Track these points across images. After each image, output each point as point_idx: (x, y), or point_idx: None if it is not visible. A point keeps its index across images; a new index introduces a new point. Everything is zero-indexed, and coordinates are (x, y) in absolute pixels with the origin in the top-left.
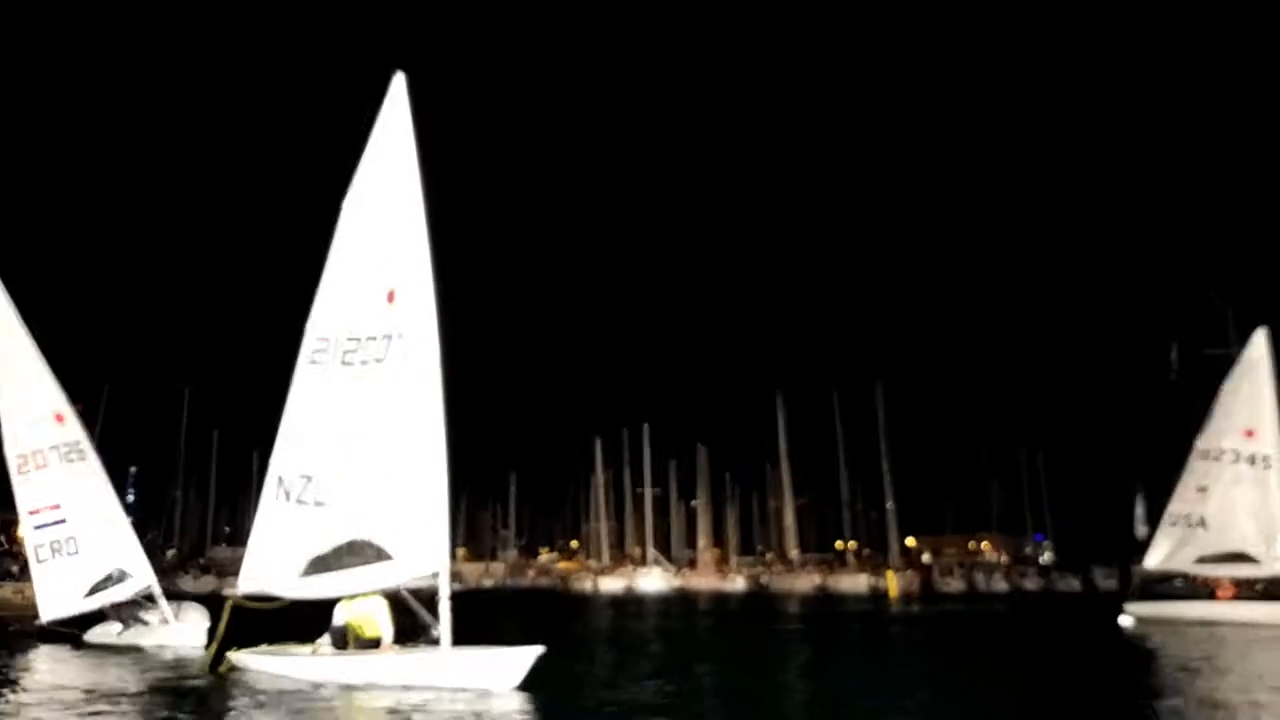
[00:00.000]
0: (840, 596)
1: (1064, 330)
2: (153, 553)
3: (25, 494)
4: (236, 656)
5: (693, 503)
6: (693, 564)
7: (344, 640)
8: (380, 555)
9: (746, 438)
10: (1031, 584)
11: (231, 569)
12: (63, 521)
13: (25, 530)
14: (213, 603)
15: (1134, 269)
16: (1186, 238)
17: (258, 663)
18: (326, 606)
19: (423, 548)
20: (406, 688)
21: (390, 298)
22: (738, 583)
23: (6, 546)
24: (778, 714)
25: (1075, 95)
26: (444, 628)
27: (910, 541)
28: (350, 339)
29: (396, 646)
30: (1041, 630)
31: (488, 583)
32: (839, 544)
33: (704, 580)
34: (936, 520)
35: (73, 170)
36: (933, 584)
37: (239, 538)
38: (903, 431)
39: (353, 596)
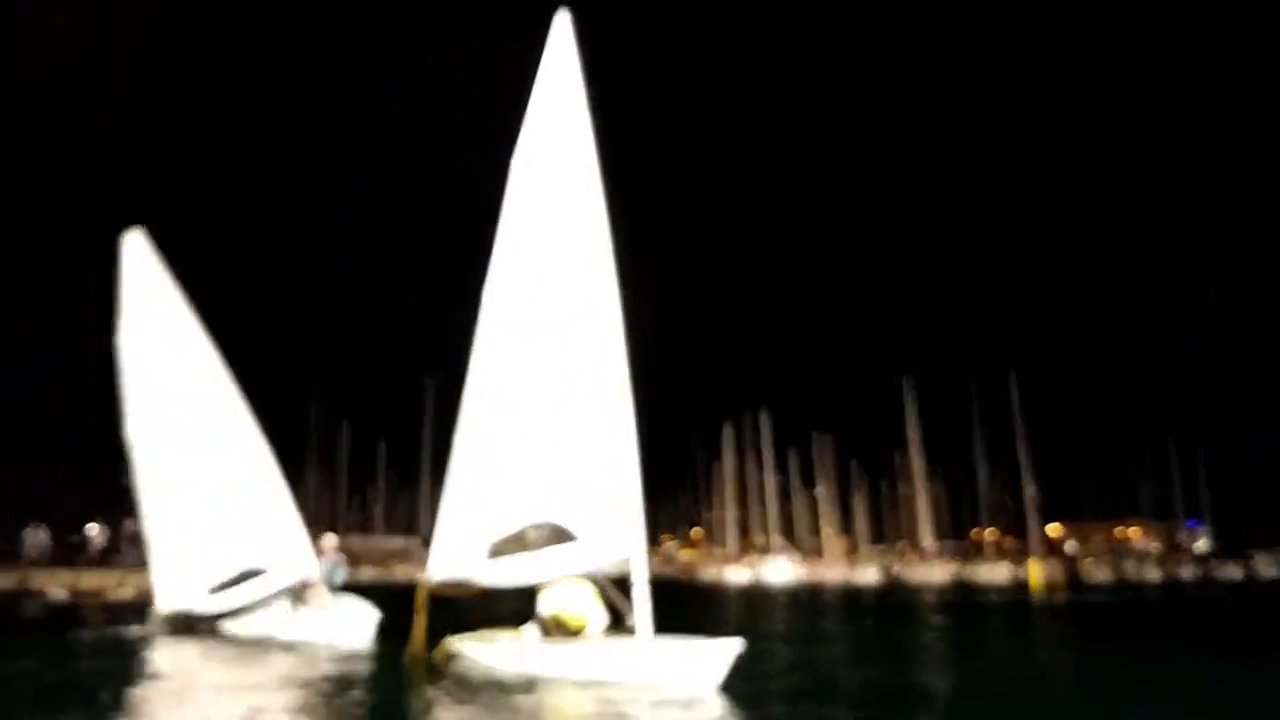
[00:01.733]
0: (979, 587)
1: (1213, 305)
2: None
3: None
4: (449, 644)
5: (814, 490)
6: (819, 552)
7: (547, 629)
8: (569, 538)
9: (872, 424)
10: (1187, 573)
11: (364, 558)
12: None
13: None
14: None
15: None
16: None
17: (462, 651)
18: (533, 592)
19: (614, 529)
20: (605, 680)
21: (554, 254)
22: (868, 573)
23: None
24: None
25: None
26: (642, 616)
27: (1052, 529)
28: (526, 302)
29: (601, 636)
30: (1204, 621)
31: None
32: (975, 532)
33: (832, 570)
34: (1080, 506)
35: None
36: (1078, 573)
37: (369, 526)
38: (1042, 413)
39: (553, 583)
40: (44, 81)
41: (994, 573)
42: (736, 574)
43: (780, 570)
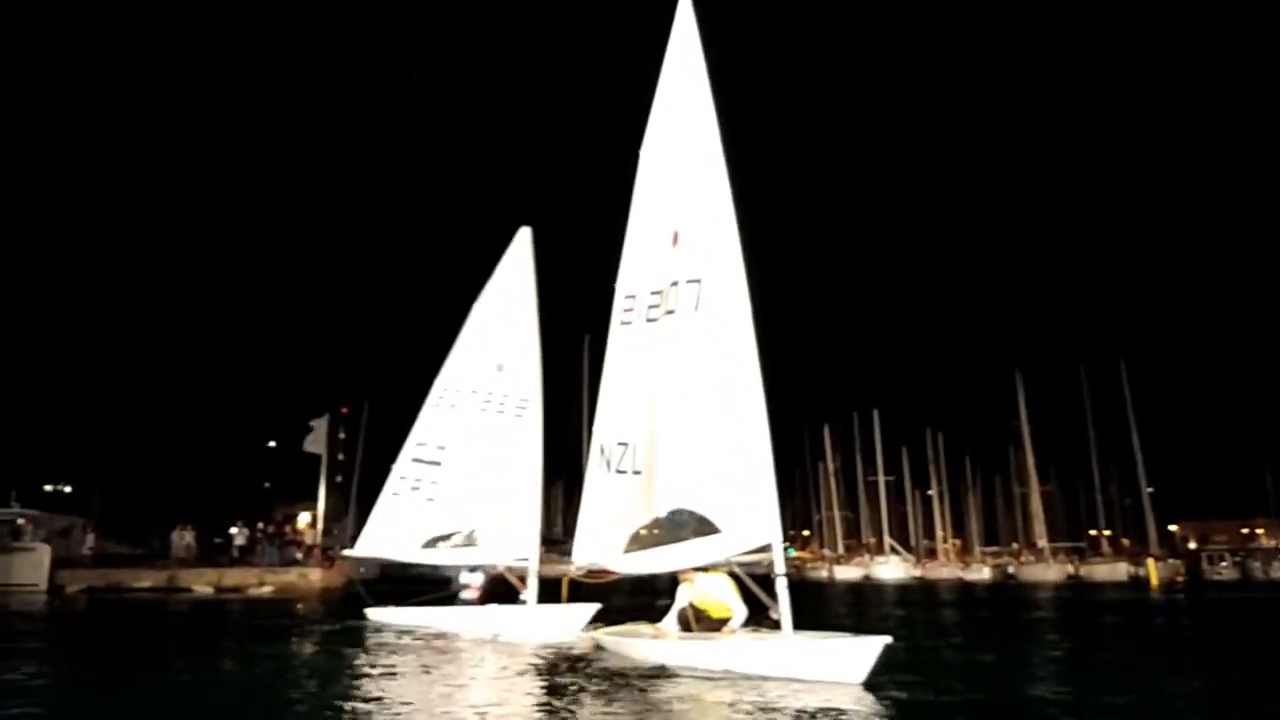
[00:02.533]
0: (1096, 586)
1: None
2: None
3: (424, 424)
4: (595, 636)
5: (929, 491)
6: (932, 554)
7: (688, 622)
8: (704, 526)
9: (985, 420)
10: None
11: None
12: (437, 464)
13: (401, 459)
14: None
15: None
16: None
17: (607, 643)
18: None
19: (750, 517)
20: (746, 676)
21: (675, 240)
22: (982, 572)
23: (292, 536)
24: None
25: None
26: (783, 610)
27: (1173, 528)
28: (653, 292)
29: (742, 629)
30: None
31: None
32: (1093, 532)
33: (944, 570)
34: (1203, 504)
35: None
36: (1200, 573)
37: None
38: (1158, 409)
39: (691, 574)
40: (44, 81)
41: (1111, 572)
42: (846, 572)
43: (890, 569)
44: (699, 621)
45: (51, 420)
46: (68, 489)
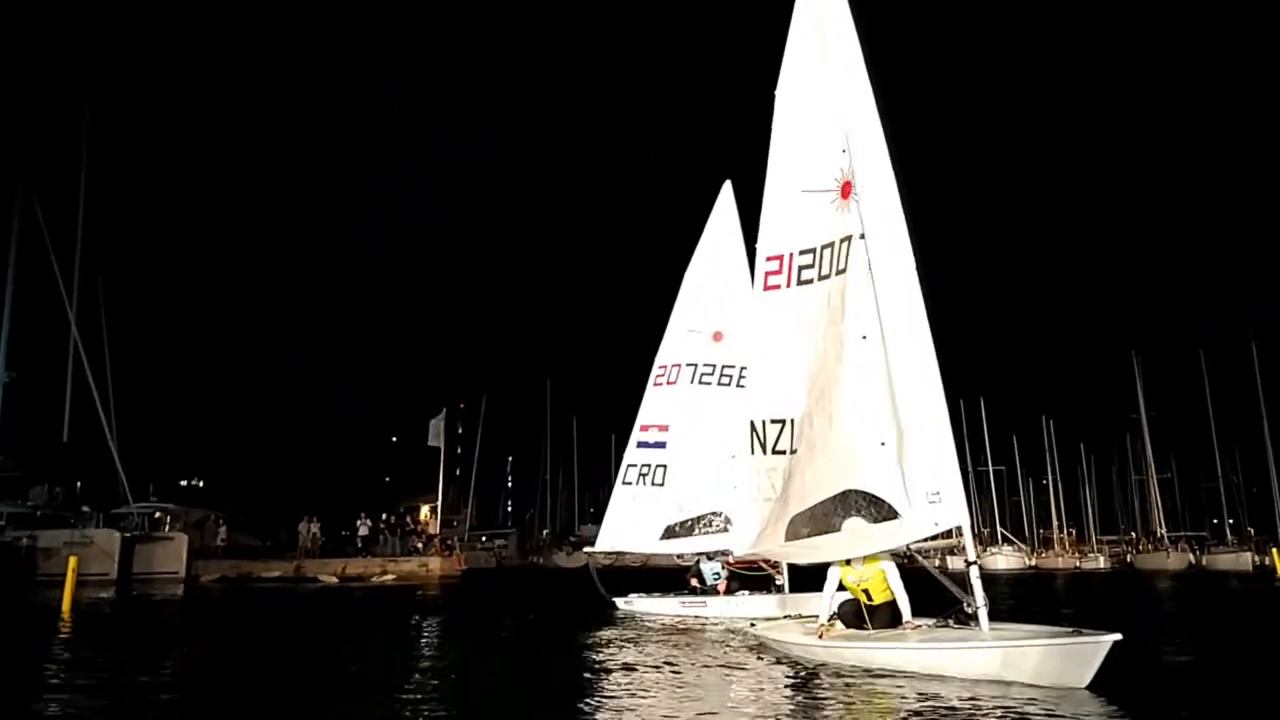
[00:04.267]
0: (1219, 575)
1: None
2: (529, 530)
3: (646, 407)
4: (756, 632)
5: (1043, 480)
6: (1047, 543)
7: (856, 612)
8: (884, 509)
9: (1101, 407)
10: None
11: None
12: (662, 445)
13: (629, 447)
14: (586, 574)
15: None
16: None
17: (772, 637)
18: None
19: (934, 500)
20: (941, 679)
21: (845, 191)
22: (1098, 561)
23: (413, 527)
24: None
25: None
26: (979, 601)
27: None
28: (804, 251)
29: (922, 623)
30: None
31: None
32: (1215, 520)
33: (1060, 560)
34: None
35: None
36: None
37: (602, 516)
38: None
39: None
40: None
41: (1235, 561)
42: (957, 563)
43: (1003, 559)
44: (868, 613)
45: (187, 419)
46: (201, 484)
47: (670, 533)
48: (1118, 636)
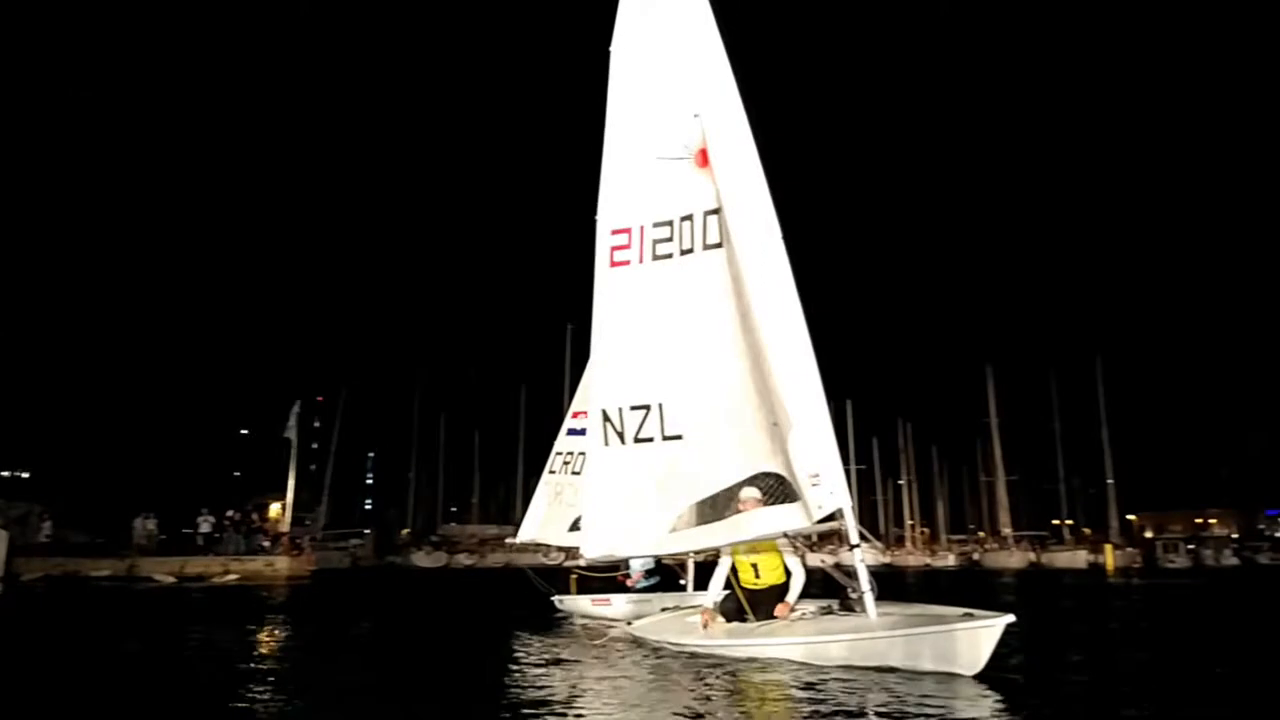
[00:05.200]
0: (1056, 572)
1: None
2: (389, 530)
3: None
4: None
5: (898, 480)
6: (900, 541)
7: (737, 613)
8: (787, 490)
9: (954, 412)
10: (1266, 559)
11: (460, 546)
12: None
13: (560, 435)
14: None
15: None
16: None
17: (650, 632)
18: None
19: (815, 480)
20: (827, 669)
21: (702, 159)
22: (948, 559)
23: (259, 524)
24: None
25: None
26: (864, 586)
27: (1132, 518)
28: (658, 224)
29: (804, 609)
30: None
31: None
32: (1055, 521)
33: (912, 557)
34: (1160, 496)
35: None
36: (1155, 560)
37: (465, 516)
38: (1122, 403)
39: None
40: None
41: (1071, 559)
42: (816, 559)
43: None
44: (750, 603)
45: (9, 405)
46: (26, 476)
47: (576, 525)
48: (1011, 618)
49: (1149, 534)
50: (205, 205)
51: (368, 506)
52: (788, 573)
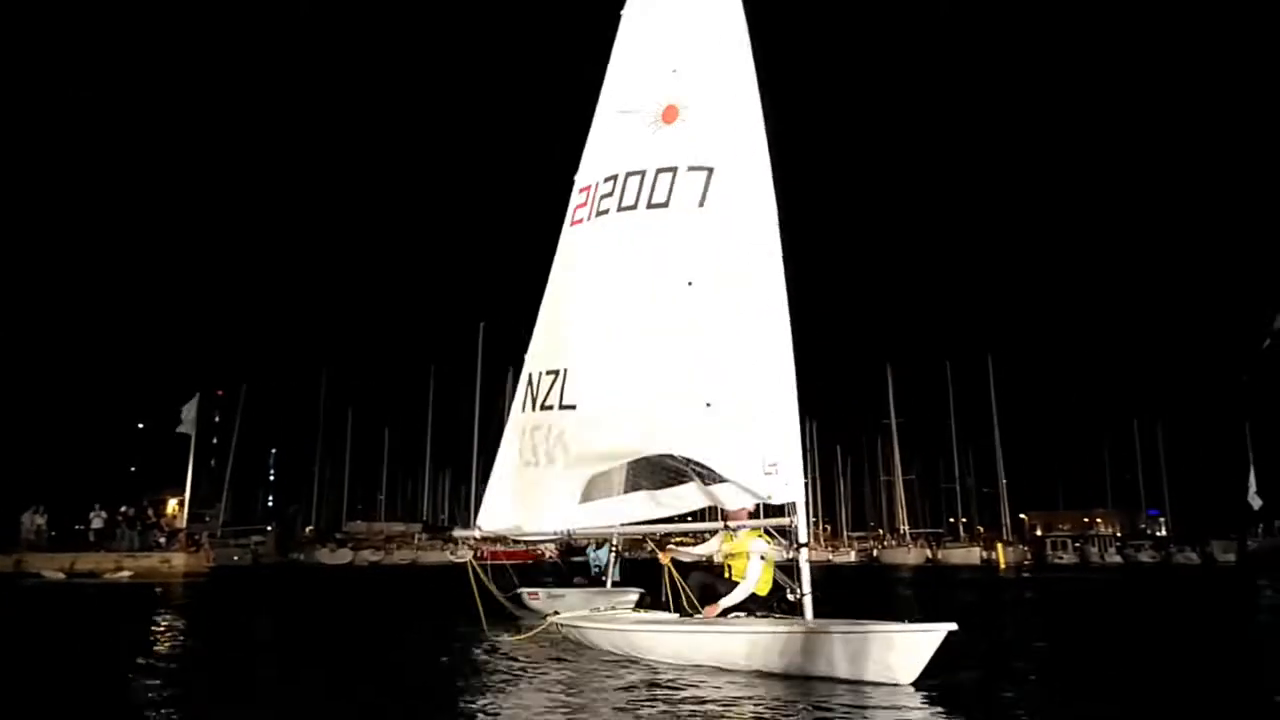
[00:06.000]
0: (950, 568)
1: (1176, 301)
2: (292, 527)
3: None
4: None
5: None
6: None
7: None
8: (708, 475)
9: (858, 411)
10: (1146, 557)
11: (366, 543)
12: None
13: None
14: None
15: (1250, 236)
16: None
17: (575, 624)
18: None
19: (770, 469)
20: (755, 672)
21: (669, 115)
22: (848, 555)
23: (154, 520)
24: None
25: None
26: (804, 589)
27: (1024, 516)
28: (606, 179)
29: (737, 613)
30: (1152, 598)
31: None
32: (951, 519)
33: (814, 554)
34: (1050, 496)
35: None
36: (1044, 557)
37: (371, 512)
38: (1017, 406)
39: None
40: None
41: (965, 556)
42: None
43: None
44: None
45: None
46: None
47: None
48: (953, 626)
49: (1039, 532)
50: (99, 190)
51: (270, 503)
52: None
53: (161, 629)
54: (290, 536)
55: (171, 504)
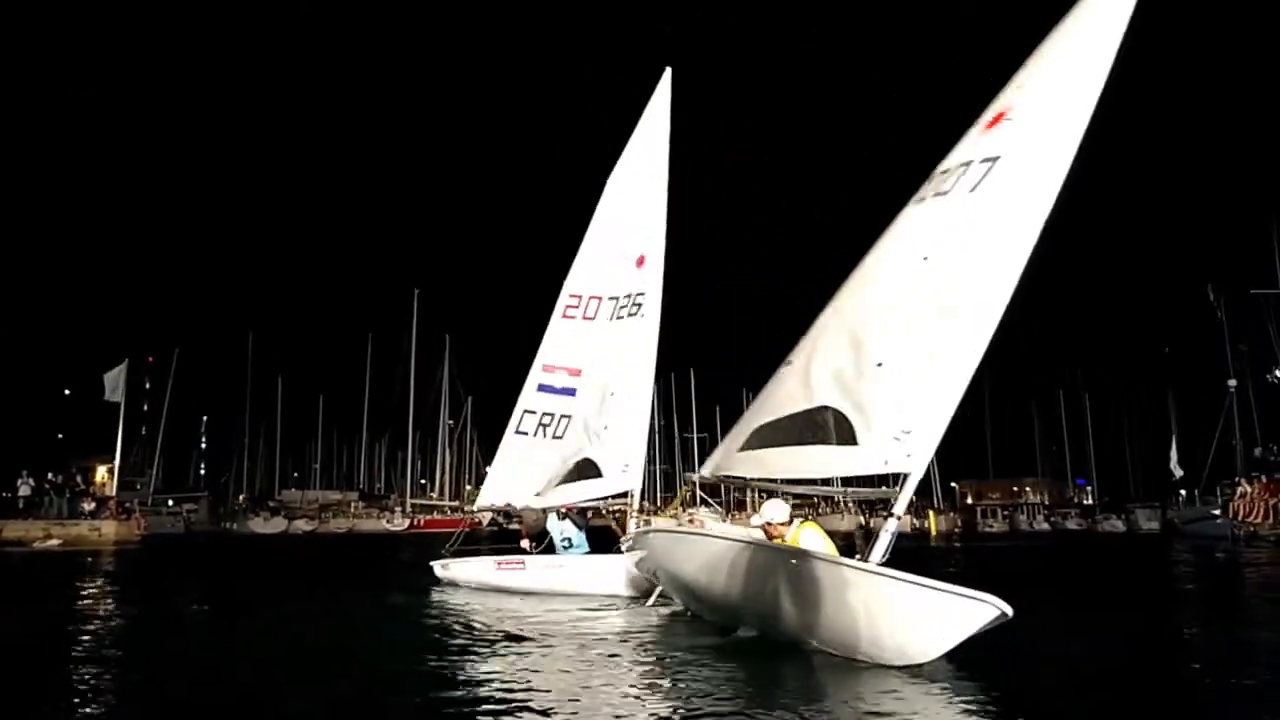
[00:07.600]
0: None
1: (1102, 273)
2: (224, 496)
3: (555, 343)
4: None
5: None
6: (741, 505)
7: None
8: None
9: None
10: (1073, 525)
11: (300, 511)
12: (572, 393)
13: (526, 389)
14: (284, 540)
15: (1179, 206)
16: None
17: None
18: None
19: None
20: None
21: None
22: None
23: (83, 488)
24: None
25: None
26: (877, 556)
27: (955, 485)
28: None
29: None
30: (1078, 561)
31: None
32: (883, 487)
33: (750, 520)
34: (981, 465)
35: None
36: (975, 525)
37: (305, 481)
38: None
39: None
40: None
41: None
42: (661, 524)
43: (704, 519)
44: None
45: None
46: None
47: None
48: (1008, 610)
49: (970, 500)
50: (22, 154)
51: (202, 471)
52: None
53: (88, 599)
54: (223, 504)
55: (101, 471)
